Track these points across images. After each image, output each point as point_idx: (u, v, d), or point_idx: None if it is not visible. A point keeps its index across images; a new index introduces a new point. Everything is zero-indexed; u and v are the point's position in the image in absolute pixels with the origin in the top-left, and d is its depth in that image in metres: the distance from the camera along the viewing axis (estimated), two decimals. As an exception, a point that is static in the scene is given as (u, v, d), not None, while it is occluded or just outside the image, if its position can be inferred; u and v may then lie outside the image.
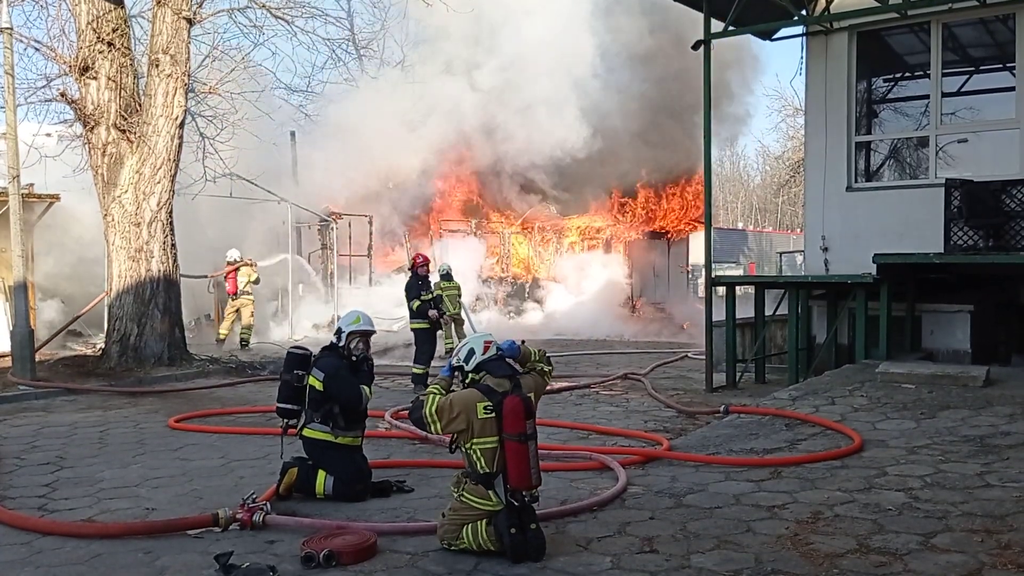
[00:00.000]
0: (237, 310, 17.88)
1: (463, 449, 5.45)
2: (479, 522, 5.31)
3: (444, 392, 5.52)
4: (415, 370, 12.83)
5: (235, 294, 17.72)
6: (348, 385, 6.88)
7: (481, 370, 5.56)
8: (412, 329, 13.15)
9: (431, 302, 13.00)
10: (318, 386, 6.85)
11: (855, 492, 6.38)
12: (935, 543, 5.30)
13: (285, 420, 7.09)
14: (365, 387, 6.96)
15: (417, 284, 12.95)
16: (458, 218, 28.68)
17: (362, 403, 6.96)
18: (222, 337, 17.72)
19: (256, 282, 18.18)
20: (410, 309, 13.06)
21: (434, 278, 14.64)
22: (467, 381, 5.60)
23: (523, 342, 5.90)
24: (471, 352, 5.63)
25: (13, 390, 12.34)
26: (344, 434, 6.92)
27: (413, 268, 13.26)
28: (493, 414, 5.31)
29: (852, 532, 5.53)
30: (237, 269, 17.74)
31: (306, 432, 6.94)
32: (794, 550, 5.27)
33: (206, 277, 19.13)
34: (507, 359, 5.62)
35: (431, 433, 5.56)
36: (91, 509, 6.63)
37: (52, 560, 5.43)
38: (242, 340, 17.65)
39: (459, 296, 17.25)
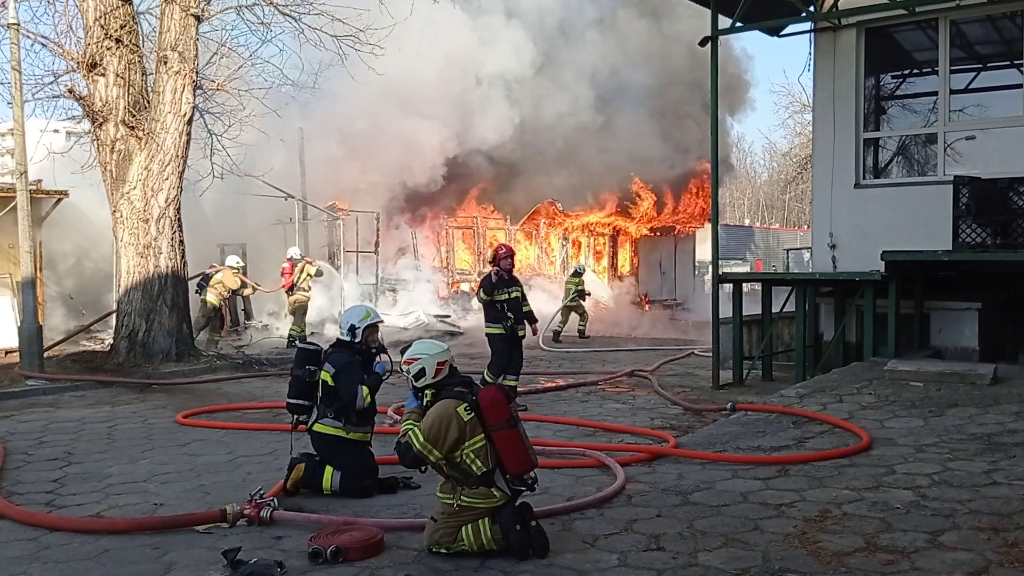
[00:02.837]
0: (296, 307, 17.93)
1: (452, 462, 5.30)
2: (481, 521, 5.27)
3: (418, 424, 5.39)
4: (486, 378, 10.79)
5: (290, 289, 17.83)
6: (352, 383, 6.87)
7: (438, 388, 5.49)
8: (486, 334, 11.08)
9: (504, 304, 10.77)
10: (330, 381, 6.87)
11: (863, 490, 6.37)
12: (942, 541, 5.29)
13: (295, 416, 7.11)
14: (364, 387, 6.90)
15: (491, 281, 10.78)
16: (467, 213, 28.68)
17: (356, 404, 6.88)
18: (294, 335, 17.56)
19: (319, 274, 18.29)
20: (484, 305, 11.02)
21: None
22: (431, 395, 5.50)
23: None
24: (421, 371, 5.53)
25: (21, 385, 12.40)
26: (355, 430, 6.96)
27: (495, 260, 11.04)
28: (473, 414, 5.30)
29: (860, 530, 5.53)
30: (295, 266, 17.82)
31: (317, 427, 6.96)
32: (802, 548, 5.27)
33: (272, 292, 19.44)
34: (455, 371, 5.63)
35: (432, 462, 5.33)
36: (99, 505, 6.66)
37: (60, 556, 5.46)
38: (290, 337, 17.57)
39: (574, 290, 20.88)
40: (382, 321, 7.38)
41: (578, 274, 21.74)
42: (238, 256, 18.42)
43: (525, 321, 11.02)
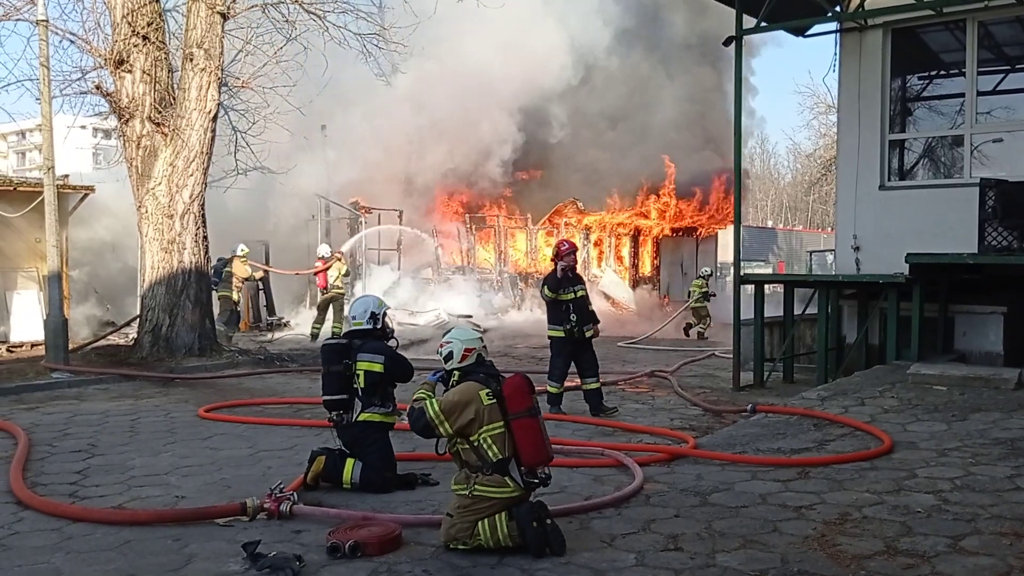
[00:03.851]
0: (329, 305, 18.04)
1: (467, 445, 5.38)
2: (497, 516, 5.27)
3: (433, 395, 5.51)
4: (549, 388, 10.27)
5: (326, 288, 17.94)
6: (405, 362, 7.20)
7: (464, 372, 5.60)
8: (548, 337, 10.48)
9: (569, 305, 10.13)
10: (378, 369, 6.97)
11: (884, 494, 6.33)
12: (963, 546, 5.25)
13: (336, 412, 7.11)
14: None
15: (556, 277, 10.20)
16: (492, 213, 28.72)
17: (413, 374, 7.25)
18: (336, 331, 17.68)
19: (347, 275, 18.38)
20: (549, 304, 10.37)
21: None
22: (458, 376, 5.62)
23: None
24: (450, 354, 5.69)
25: (46, 377, 12.54)
26: (394, 413, 7.11)
27: (557, 256, 10.36)
28: (495, 400, 5.36)
29: (880, 534, 5.49)
30: (328, 265, 17.92)
31: (364, 417, 7.02)
32: (821, 551, 5.24)
33: (296, 274, 20.06)
34: (485, 362, 5.70)
35: (440, 435, 5.43)
36: (122, 496, 6.73)
37: (83, 546, 5.52)
38: (334, 335, 17.67)
39: (698, 292, 22.03)
40: (389, 307, 7.75)
41: (703, 277, 23.12)
42: (242, 244, 18.55)
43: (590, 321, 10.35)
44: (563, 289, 10.13)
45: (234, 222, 20.15)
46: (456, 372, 5.63)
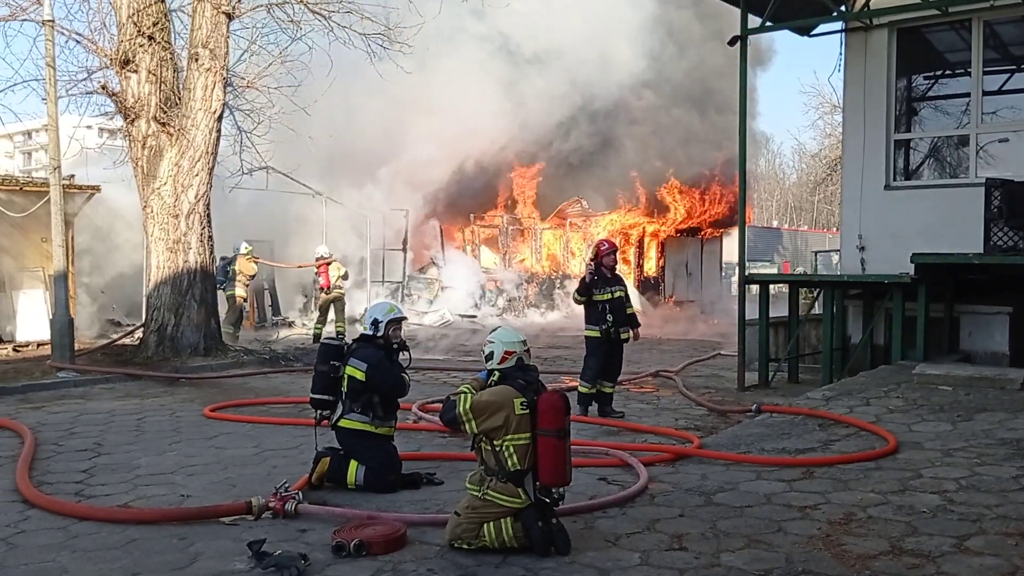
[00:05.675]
0: (330, 305, 17.99)
1: (490, 447, 5.39)
2: (503, 520, 5.28)
3: (476, 392, 5.51)
4: (580, 388, 10.19)
5: (328, 288, 17.87)
6: (391, 374, 7.01)
7: (503, 375, 5.56)
8: (584, 336, 10.35)
9: (606, 305, 9.97)
10: (359, 376, 6.91)
11: (889, 494, 6.32)
12: (969, 546, 5.24)
13: (319, 411, 7.15)
14: (404, 375, 7.08)
15: (585, 281, 10.09)
16: (493, 212, 28.71)
17: (405, 390, 7.09)
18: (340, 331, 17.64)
19: (345, 277, 18.32)
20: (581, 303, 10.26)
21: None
22: (497, 377, 5.59)
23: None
24: (491, 354, 5.66)
25: (52, 377, 12.58)
26: (382, 424, 7.02)
27: (596, 258, 10.12)
28: (528, 411, 5.32)
29: (885, 534, 5.49)
30: (328, 264, 17.86)
31: (343, 423, 6.99)
32: (826, 551, 5.24)
33: (299, 267, 20.21)
34: (527, 367, 5.64)
35: (466, 432, 5.50)
36: (127, 495, 6.75)
37: (88, 545, 5.53)
38: (338, 335, 17.61)
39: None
40: (406, 318, 7.50)
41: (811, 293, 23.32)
42: (244, 242, 18.51)
43: (628, 324, 10.14)
44: (599, 289, 9.98)
45: (239, 222, 20.16)
46: (496, 372, 5.61)
